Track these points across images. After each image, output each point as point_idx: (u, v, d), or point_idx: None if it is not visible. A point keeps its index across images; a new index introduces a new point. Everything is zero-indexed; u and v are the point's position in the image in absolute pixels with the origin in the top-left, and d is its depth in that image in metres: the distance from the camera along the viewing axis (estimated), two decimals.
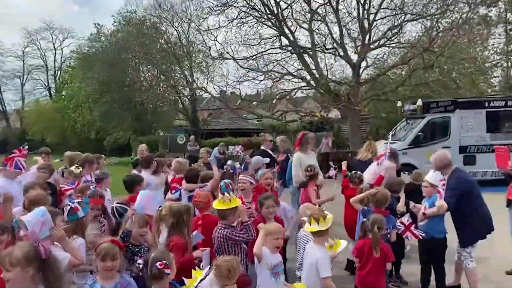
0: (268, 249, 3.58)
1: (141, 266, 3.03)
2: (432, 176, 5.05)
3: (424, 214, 4.95)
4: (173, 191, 5.70)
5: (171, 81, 24.76)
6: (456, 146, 12.90)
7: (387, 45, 20.12)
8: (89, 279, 3.18)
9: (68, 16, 79.52)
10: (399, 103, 17.23)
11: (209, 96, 27.95)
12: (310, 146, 7.14)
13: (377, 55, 21.28)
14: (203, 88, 23.73)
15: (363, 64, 20.44)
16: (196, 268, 3.15)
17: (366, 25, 19.19)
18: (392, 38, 19.72)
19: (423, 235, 4.84)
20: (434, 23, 18.23)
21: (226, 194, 3.98)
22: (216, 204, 4.08)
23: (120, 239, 3.56)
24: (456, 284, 5.26)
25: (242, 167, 7.31)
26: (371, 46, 19.66)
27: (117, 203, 4.54)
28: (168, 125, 32.79)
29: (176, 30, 25.81)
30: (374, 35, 19.91)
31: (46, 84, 53.16)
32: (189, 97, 27.41)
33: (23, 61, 52.44)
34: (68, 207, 3.62)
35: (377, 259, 4.04)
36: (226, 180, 4.27)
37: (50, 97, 49.63)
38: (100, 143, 33.88)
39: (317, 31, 20.40)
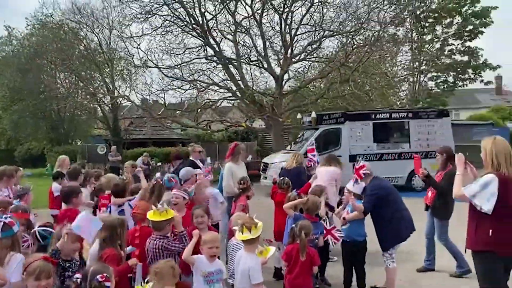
0: (205, 257, 3.73)
1: (79, 280, 3.01)
2: (350, 185, 5.47)
3: (344, 218, 5.39)
4: (102, 209, 5.52)
5: (91, 89, 23.71)
6: (347, 155, 13.90)
7: (307, 59, 21.18)
8: None
9: None
10: (298, 115, 18.51)
11: (131, 104, 27.19)
12: (242, 156, 7.34)
13: (298, 68, 22.31)
14: (125, 96, 23.08)
15: (286, 76, 21.29)
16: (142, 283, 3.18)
17: (288, 39, 20.04)
18: (312, 53, 20.81)
19: (343, 235, 5.27)
20: (349, 40, 19.56)
21: (161, 205, 4.06)
22: (151, 216, 4.12)
23: (50, 255, 3.47)
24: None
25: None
26: (293, 60, 20.56)
27: (40, 226, 4.23)
28: (87, 134, 31.35)
29: (96, 36, 24.85)
30: (295, 49, 20.87)
31: None
32: (110, 105, 26.41)
33: None
34: (1, 223, 3.45)
35: (304, 263, 4.30)
36: (170, 175, 4.35)
37: None
38: (10, 154, 31.46)
39: (241, 43, 20.89)
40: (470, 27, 24.71)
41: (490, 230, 3.60)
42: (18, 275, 3.14)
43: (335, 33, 19.68)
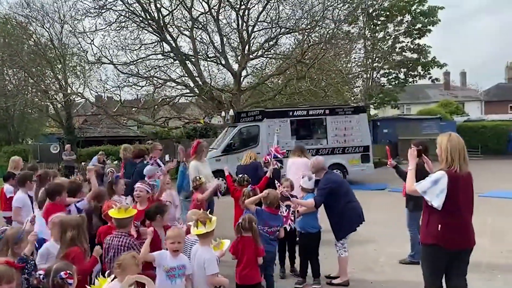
0: (168, 252, 3.83)
1: (41, 276, 3.02)
2: (304, 181, 5.80)
3: (298, 211, 5.69)
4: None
5: (42, 86, 22.81)
6: (265, 152, 14.36)
7: (265, 56, 21.39)
8: None
9: None
10: (223, 113, 19.03)
11: (85, 102, 26.41)
12: (204, 154, 7.44)
13: (256, 64, 22.50)
14: (79, 94, 22.42)
15: (244, 73, 21.43)
16: (100, 276, 3.22)
17: (245, 36, 20.16)
18: (269, 50, 21.05)
19: (298, 218, 5.66)
20: (305, 37, 19.95)
21: (124, 203, 4.14)
22: (115, 214, 4.17)
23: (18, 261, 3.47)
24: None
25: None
26: (250, 56, 20.70)
27: None
28: (38, 133, 30.17)
29: (47, 31, 23.85)
30: (252, 45, 21.02)
31: None
32: (62, 102, 25.52)
33: None
34: None
35: (251, 255, 4.48)
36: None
37: None
38: None
39: (199, 39, 20.83)
40: (419, 25, 25.78)
41: (439, 225, 3.77)
42: None
43: (291, 30, 20.00)
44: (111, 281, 3.07)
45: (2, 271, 2.99)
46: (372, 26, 26.14)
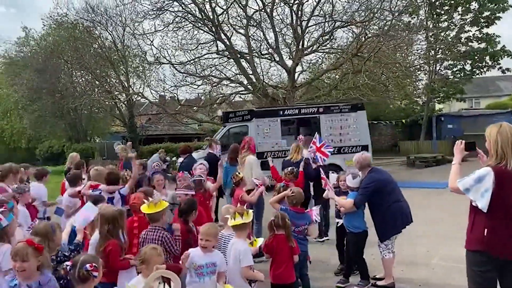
0: (199, 249, 3.82)
1: (68, 267, 3.10)
2: (349, 179, 5.59)
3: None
4: (93, 190, 5.70)
5: (106, 87, 24.06)
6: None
7: (320, 51, 20.99)
8: (9, 275, 3.19)
9: None
10: (219, 112, 18.34)
11: (147, 102, 27.53)
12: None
13: (311, 60, 22.15)
14: (140, 94, 23.35)
15: (298, 68, 21.20)
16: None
17: (299, 31, 19.92)
18: (324, 44, 20.62)
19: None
20: (362, 30, 19.30)
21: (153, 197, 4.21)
22: (145, 209, 4.26)
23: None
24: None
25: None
26: (305, 52, 20.41)
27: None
28: (104, 131, 31.87)
29: (110, 34, 25.17)
30: (308, 41, 20.73)
31: None
32: (125, 102, 26.79)
33: None
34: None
35: (284, 253, 4.35)
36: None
37: None
38: (31, 152, 32.25)
39: (253, 36, 20.87)
40: (487, 13, 24.00)
41: (485, 229, 3.28)
42: (8, 263, 3.28)
43: (346, 24, 19.45)
44: None
45: (17, 248, 3.09)
46: (434, 16, 24.75)
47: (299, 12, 19.72)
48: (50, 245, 3.58)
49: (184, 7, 19.75)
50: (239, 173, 6.40)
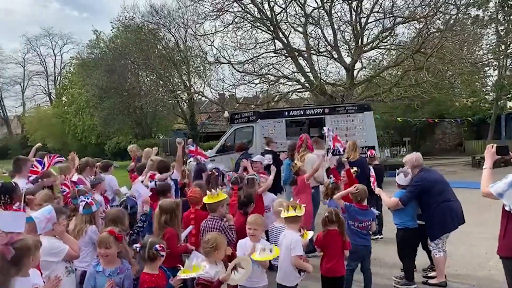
0: (247, 239, 4.07)
1: (138, 248, 3.49)
2: (400, 178, 5.59)
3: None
4: (150, 180, 6.14)
5: (170, 86, 25.18)
6: (259, 152, 13.44)
7: (380, 47, 20.56)
8: (94, 261, 3.62)
9: (68, 21, 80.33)
10: (226, 113, 18.19)
11: (207, 100, 28.41)
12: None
13: (371, 57, 21.74)
14: (200, 93, 24.18)
15: (358, 66, 20.91)
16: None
17: (359, 28, 19.64)
18: (385, 40, 20.17)
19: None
20: (424, 26, 18.65)
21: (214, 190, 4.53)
22: (207, 199, 4.61)
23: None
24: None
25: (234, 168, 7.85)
26: (364, 49, 20.09)
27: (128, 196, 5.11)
28: (167, 129, 33.22)
29: (173, 36, 26.25)
30: (368, 37, 20.41)
31: (47, 90, 53.74)
32: (187, 101, 27.81)
33: (24, 68, 53.18)
34: (84, 203, 4.12)
35: (337, 248, 4.47)
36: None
37: (50, 102, 50.09)
38: (101, 148, 34.31)
39: (311, 34, 20.88)
40: None
41: None
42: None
43: (408, 19, 18.89)
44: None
45: (102, 237, 3.57)
46: (506, 8, 23.31)
47: (358, 9, 19.46)
48: (122, 229, 4.01)
49: (243, 8, 20.18)
50: (295, 163, 6.55)
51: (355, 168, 6.58)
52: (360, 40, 19.83)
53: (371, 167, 6.90)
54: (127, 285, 3.54)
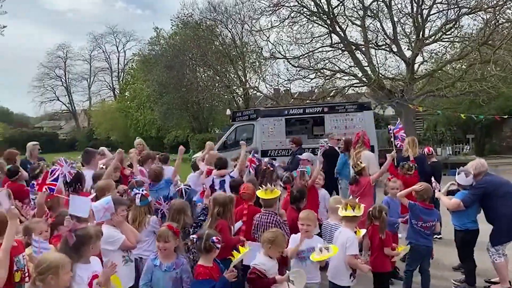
0: (300, 234, 4.07)
1: (194, 239, 3.63)
2: (460, 177, 5.38)
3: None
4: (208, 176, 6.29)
5: (226, 81, 25.62)
6: (259, 150, 13.22)
7: (443, 40, 19.61)
8: (152, 254, 3.80)
9: (131, 19, 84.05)
10: (228, 111, 18.49)
11: (262, 96, 28.56)
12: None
13: (433, 50, 20.79)
14: (255, 88, 24.37)
15: (418, 59, 20.09)
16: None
17: (420, 20, 18.86)
18: (448, 33, 19.21)
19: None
20: (492, 16, 17.54)
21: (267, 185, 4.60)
22: (262, 194, 4.65)
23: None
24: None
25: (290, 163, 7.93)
26: (426, 41, 19.26)
27: (184, 185, 5.34)
28: (223, 123, 33.81)
29: (230, 32, 26.68)
30: (430, 29, 19.56)
31: (111, 85, 56.48)
32: (242, 96, 28.14)
33: (90, 64, 56.22)
34: (139, 195, 4.33)
35: (377, 243, 4.49)
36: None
37: (114, 97, 52.57)
38: (160, 141, 35.60)
39: (369, 27, 20.32)
40: None
41: None
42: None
43: (474, 10, 17.83)
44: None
45: (161, 231, 3.70)
46: None
47: (420, 0, 18.64)
48: (185, 220, 4.18)
49: (299, 2, 20.01)
50: (360, 162, 6.37)
51: (408, 163, 6.39)
52: (421, 33, 19.04)
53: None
54: (185, 279, 3.63)
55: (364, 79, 20.06)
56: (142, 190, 4.47)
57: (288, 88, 22.27)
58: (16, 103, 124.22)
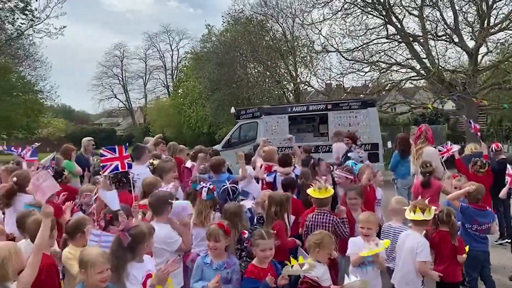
0: (359, 238, 3.75)
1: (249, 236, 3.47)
2: None
3: None
4: (267, 173, 6.03)
5: (276, 77, 25.41)
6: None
7: (510, 28, 18.20)
8: (202, 252, 3.65)
9: (184, 18, 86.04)
10: (232, 109, 19.33)
11: (313, 90, 28.08)
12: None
13: (499, 39, 19.37)
14: (306, 83, 23.97)
15: (482, 50, 18.80)
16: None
17: (485, 8, 17.61)
18: None
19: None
20: None
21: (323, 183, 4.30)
22: (313, 193, 4.36)
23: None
24: None
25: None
26: (491, 31, 17.97)
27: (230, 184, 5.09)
28: None
29: (281, 26, 26.40)
30: (496, 17, 18.24)
31: (165, 83, 57.95)
32: (293, 91, 27.79)
33: (145, 63, 57.97)
34: (206, 188, 4.21)
35: (447, 251, 4.05)
36: None
37: (168, 95, 53.93)
38: (212, 137, 36.05)
39: (428, 17, 19.29)
40: None
41: None
42: None
43: None
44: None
45: (211, 230, 3.55)
46: None
47: None
48: (243, 223, 3.99)
49: None
50: (429, 164, 5.76)
51: (481, 160, 5.85)
52: (486, 21, 17.80)
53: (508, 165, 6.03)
54: (235, 280, 3.51)
55: (423, 71, 19.09)
56: (210, 184, 4.36)
57: (341, 82, 21.65)
58: (77, 101, 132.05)
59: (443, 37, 19.10)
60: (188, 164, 7.07)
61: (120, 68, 58.04)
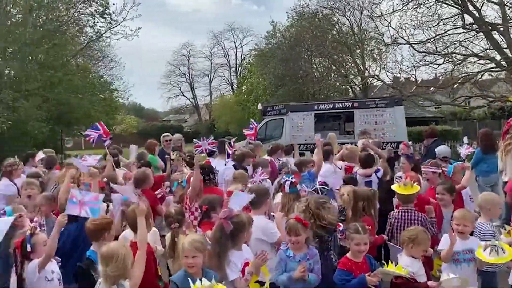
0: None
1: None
2: None
3: None
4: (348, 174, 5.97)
5: (343, 71, 25.01)
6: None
7: None
8: (283, 245, 3.73)
9: (247, 15, 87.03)
10: (259, 106, 19.28)
11: (381, 84, 27.29)
12: None
13: None
14: (375, 76, 23.35)
15: None
16: None
17: None
18: None
19: None
20: None
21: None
22: (399, 189, 4.31)
23: None
24: None
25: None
26: None
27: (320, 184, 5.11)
28: None
29: (348, 20, 25.91)
30: None
31: (229, 80, 59.01)
32: (360, 85, 27.20)
33: (211, 61, 59.29)
34: (289, 182, 4.35)
35: None
36: None
37: (232, 91, 54.90)
38: None
39: (509, 3, 18.01)
40: None
41: None
42: None
43: None
44: None
45: (291, 225, 3.55)
46: None
47: None
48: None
49: None
50: None
51: None
52: None
53: None
54: (316, 269, 3.57)
55: (503, 62, 17.87)
56: (292, 178, 4.44)
57: (413, 75, 20.88)
58: (147, 99, 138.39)
59: None
60: (267, 158, 7.22)
61: (187, 66, 59.84)
